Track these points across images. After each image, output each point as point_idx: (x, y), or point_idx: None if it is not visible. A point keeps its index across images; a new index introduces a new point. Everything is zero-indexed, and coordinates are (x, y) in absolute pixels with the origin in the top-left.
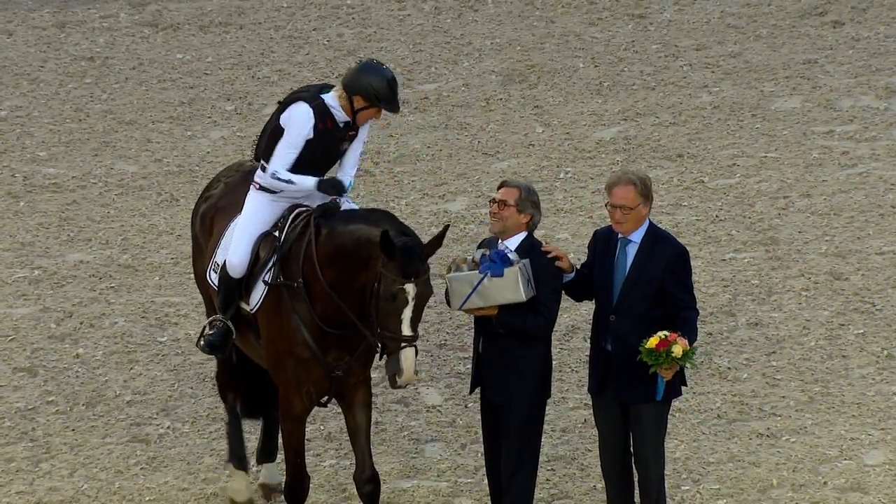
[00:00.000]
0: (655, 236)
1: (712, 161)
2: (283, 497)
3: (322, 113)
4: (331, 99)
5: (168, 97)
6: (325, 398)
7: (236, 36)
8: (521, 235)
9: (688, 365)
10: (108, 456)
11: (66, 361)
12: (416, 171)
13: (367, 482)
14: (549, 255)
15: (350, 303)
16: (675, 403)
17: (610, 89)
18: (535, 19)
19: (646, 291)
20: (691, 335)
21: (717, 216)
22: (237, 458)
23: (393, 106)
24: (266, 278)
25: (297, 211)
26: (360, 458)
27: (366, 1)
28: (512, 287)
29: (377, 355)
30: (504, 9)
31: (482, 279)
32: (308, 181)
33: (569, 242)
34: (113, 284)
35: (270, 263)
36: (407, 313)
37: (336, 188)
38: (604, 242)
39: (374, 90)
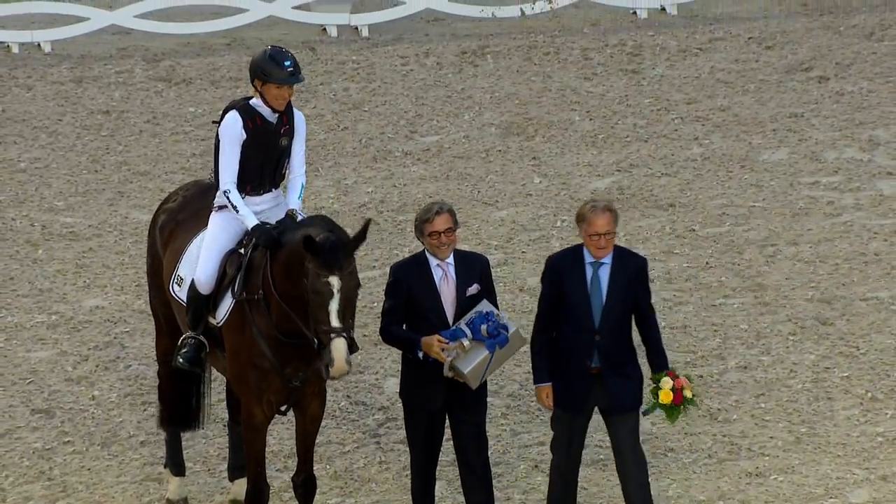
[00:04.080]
0: (620, 254)
1: (703, 210)
2: None
3: (248, 112)
4: (254, 100)
5: (181, 149)
6: (284, 406)
7: (246, 90)
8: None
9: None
10: (122, 494)
11: (82, 403)
12: None
13: (303, 483)
14: None
15: (299, 311)
16: (667, 443)
17: (604, 141)
18: (532, 74)
19: (625, 306)
20: (662, 344)
21: (707, 263)
22: (175, 464)
23: (279, 76)
24: (233, 293)
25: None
26: (300, 461)
27: (370, 56)
28: (516, 340)
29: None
30: (503, 64)
31: (493, 354)
32: (249, 218)
33: None
34: (127, 329)
35: (237, 279)
36: (334, 305)
37: (265, 238)
38: (569, 268)
39: (260, 67)
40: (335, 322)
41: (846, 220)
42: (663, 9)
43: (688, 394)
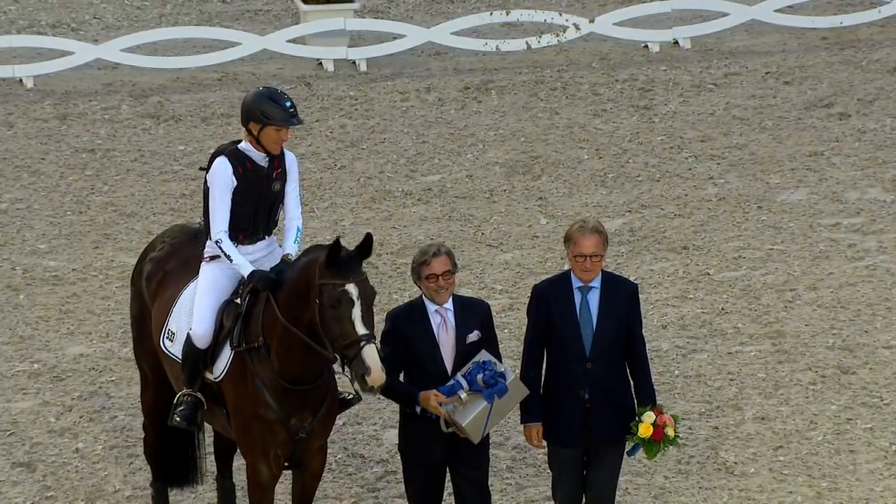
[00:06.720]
0: (610, 279)
1: (718, 253)
2: None
3: (238, 157)
4: (243, 144)
5: (169, 189)
6: (287, 463)
7: (238, 127)
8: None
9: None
10: None
11: (65, 456)
12: None
13: None
14: None
15: (311, 338)
16: (681, 498)
17: (614, 181)
18: (538, 110)
19: (617, 333)
20: (650, 378)
21: (723, 309)
22: None
23: (280, 118)
24: (231, 345)
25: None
26: None
27: (369, 92)
28: (517, 389)
29: (340, 369)
30: (508, 100)
31: (492, 405)
32: (245, 267)
33: None
34: (113, 378)
35: (236, 331)
36: (356, 312)
37: (264, 282)
38: (557, 296)
39: (259, 109)
40: (361, 329)
41: (869, 263)
42: (676, 42)
43: (669, 432)
